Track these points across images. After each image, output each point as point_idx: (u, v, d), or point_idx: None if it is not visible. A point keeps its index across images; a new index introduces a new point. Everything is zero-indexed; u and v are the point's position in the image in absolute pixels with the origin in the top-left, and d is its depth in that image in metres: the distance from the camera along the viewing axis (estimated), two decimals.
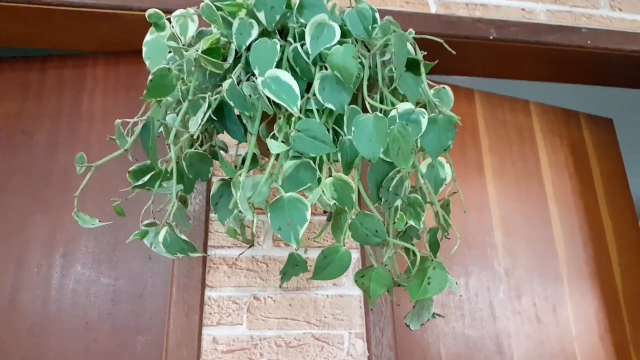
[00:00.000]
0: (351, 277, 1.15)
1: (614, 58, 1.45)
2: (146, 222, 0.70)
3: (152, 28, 0.82)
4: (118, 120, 0.73)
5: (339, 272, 0.62)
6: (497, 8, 1.45)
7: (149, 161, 0.68)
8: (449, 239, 0.74)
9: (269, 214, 0.61)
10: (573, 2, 1.48)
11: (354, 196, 0.62)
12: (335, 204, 0.61)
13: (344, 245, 0.64)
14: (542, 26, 1.43)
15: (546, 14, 1.46)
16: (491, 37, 1.41)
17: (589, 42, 1.42)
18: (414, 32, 0.82)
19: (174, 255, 0.61)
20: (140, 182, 0.63)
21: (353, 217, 0.62)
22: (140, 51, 1.40)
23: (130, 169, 0.68)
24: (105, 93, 1.40)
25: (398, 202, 0.69)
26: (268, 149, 0.74)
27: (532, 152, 1.65)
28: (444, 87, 0.79)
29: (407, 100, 0.77)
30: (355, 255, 1.17)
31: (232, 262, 1.12)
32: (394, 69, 0.75)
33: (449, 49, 0.88)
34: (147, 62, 0.82)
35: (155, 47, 0.81)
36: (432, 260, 0.66)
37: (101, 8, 1.28)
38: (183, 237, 0.60)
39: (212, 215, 1.17)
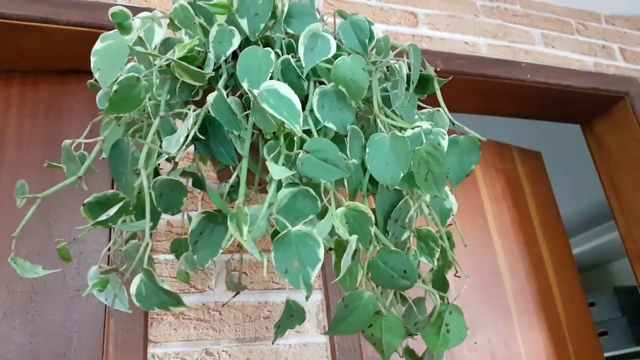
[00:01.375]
0: (314, 322, 1.04)
1: (550, 92, 1.51)
2: (104, 268, 0.55)
3: (102, 35, 0.68)
4: (67, 141, 0.59)
5: (363, 323, 0.51)
6: (442, 41, 1.46)
7: (109, 191, 0.54)
8: (459, 277, 0.66)
9: (272, 253, 0.50)
10: (511, 37, 1.53)
11: (373, 229, 0.53)
12: (346, 239, 0.51)
13: (358, 288, 0.53)
14: (486, 59, 1.46)
15: (487, 48, 1.49)
16: (438, 69, 1.41)
17: (528, 75, 1.47)
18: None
19: (150, 309, 0.48)
20: (103, 217, 0.49)
21: (369, 255, 0.52)
22: (66, 70, 1.22)
23: (85, 201, 0.53)
24: (21, 115, 1.19)
25: (406, 235, 0.61)
26: (253, 175, 0.63)
27: (473, 184, 1.66)
28: (438, 110, 0.73)
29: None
30: (319, 297, 1.06)
31: (179, 312, 0.96)
32: (389, 88, 0.68)
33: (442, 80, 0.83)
34: (96, 75, 0.68)
35: (108, 57, 0.67)
36: (447, 303, 0.58)
37: (21, 20, 1.11)
38: (166, 286, 0.47)
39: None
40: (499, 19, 1.55)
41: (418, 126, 0.55)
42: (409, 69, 0.70)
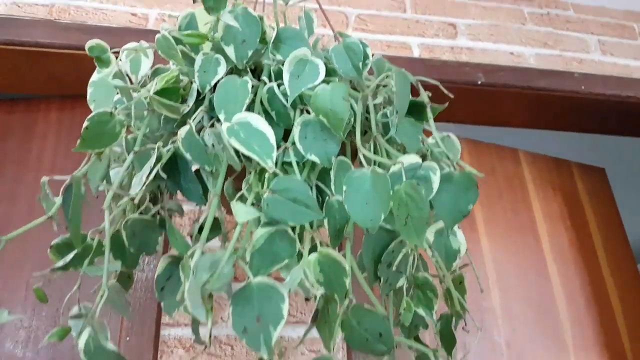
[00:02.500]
0: None
1: (609, 104, 1.36)
2: (72, 312, 0.53)
3: (98, 67, 0.67)
4: (44, 178, 0.57)
5: None
6: (484, 52, 1.36)
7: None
8: (468, 331, 0.58)
9: (230, 308, 0.45)
10: (563, 46, 1.40)
11: (347, 281, 0.47)
12: (322, 292, 0.46)
13: (333, 350, 0.48)
14: (533, 71, 1.34)
15: (535, 58, 1.38)
16: (479, 82, 1.31)
17: (582, 87, 1.34)
18: (411, 76, 0.69)
19: None
20: (60, 264, 0.46)
21: (347, 311, 0.46)
22: None
23: (53, 242, 0.51)
24: (58, 139, 1.23)
25: (402, 282, 0.54)
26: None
27: (524, 202, 1.53)
28: (448, 136, 0.66)
29: (404, 151, 0.63)
30: (339, 354, 1.00)
31: (190, 344, 0.93)
32: (389, 114, 0.62)
33: (446, 92, 0.76)
34: (92, 106, 0.67)
35: (102, 89, 0.67)
36: None
37: (55, 48, 1.14)
38: (110, 346, 0.43)
39: None
40: (549, 27, 1.43)
41: (398, 162, 0.48)
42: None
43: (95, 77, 0.68)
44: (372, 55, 0.67)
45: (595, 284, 1.48)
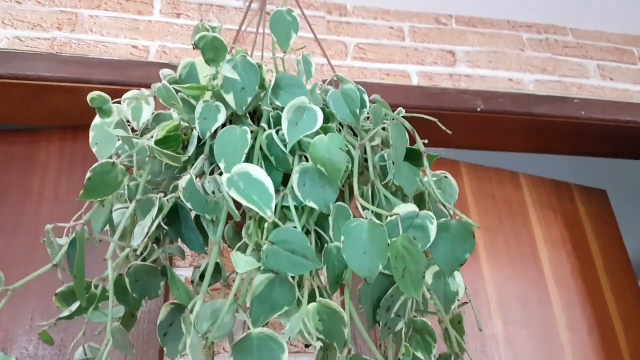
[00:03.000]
0: None
1: (609, 129, 1.38)
2: (77, 356, 0.53)
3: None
4: (48, 226, 0.59)
5: None
6: (483, 79, 1.38)
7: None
8: None
9: (231, 359, 0.46)
10: (562, 71, 1.42)
11: (346, 330, 0.48)
12: (321, 344, 0.47)
13: None
14: (532, 97, 1.36)
15: (535, 84, 1.39)
16: (479, 109, 1.33)
17: (582, 112, 1.35)
18: (403, 110, 0.71)
19: None
20: (66, 313, 0.48)
21: None
22: None
23: (57, 290, 0.53)
24: (59, 170, 1.25)
25: (400, 325, 0.55)
26: None
27: (526, 227, 1.54)
28: (445, 176, 0.67)
29: (402, 193, 0.65)
30: None
31: None
32: (386, 157, 0.63)
33: (444, 128, 0.77)
34: (94, 149, 0.68)
35: (103, 133, 0.68)
36: None
37: (57, 81, 1.16)
38: None
39: None
40: (548, 52, 1.45)
41: (395, 214, 0.49)
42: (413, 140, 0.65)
43: (97, 120, 0.69)
44: (370, 96, 0.68)
45: (597, 308, 1.48)
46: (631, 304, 1.54)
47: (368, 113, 0.62)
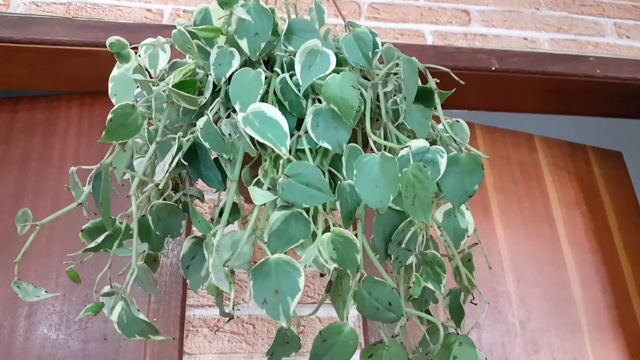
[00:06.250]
0: None
1: (625, 88, 1.36)
2: (103, 290, 0.56)
3: (118, 62, 0.71)
4: (73, 168, 0.61)
5: (344, 358, 0.49)
6: (498, 38, 1.37)
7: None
8: (476, 304, 0.61)
9: (251, 282, 0.49)
10: (578, 30, 1.40)
11: (359, 256, 0.50)
12: (335, 266, 0.49)
13: (346, 319, 0.51)
14: (547, 55, 1.35)
15: (550, 43, 1.38)
16: (493, 68, 1.32)
17: (597, 71, 1.34)
18: (419, 63, 0.71)
19: (132, 337, 0.48)
20: (92, 245, 0.50)
21: (358, 284, 0.49)
22: None
23: (84, 226, 0.55)
24: (79, 135, 1.28)
25: (411, 259, 0.57)
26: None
27: (540, 189, 1.54)
28: (457, 121, 0.68)
29: (415, 137, 0.66)
30: (355, 312, 1.03)
31: (214, 323, 0.97)
32: (398, 101, 0.64)
33: (457, 78, 0.78)
34: (113, 100, 0.71)
35: (122, 83, 0.70)
36: (457, 333, 0.53)
37: (74, 45, 1.18)
38: (142, 316, 0.47)
39: None
40: (564, 11, 1.43)
41: (406, 146, 0.51)
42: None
43: (115, 72, 0.71)
44: (383, 45, 0.69)
45: (611, 268, 1.49)
46: None
47: (381, 55, 0.63)
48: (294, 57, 0.63)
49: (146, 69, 0.66)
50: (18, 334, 1.08)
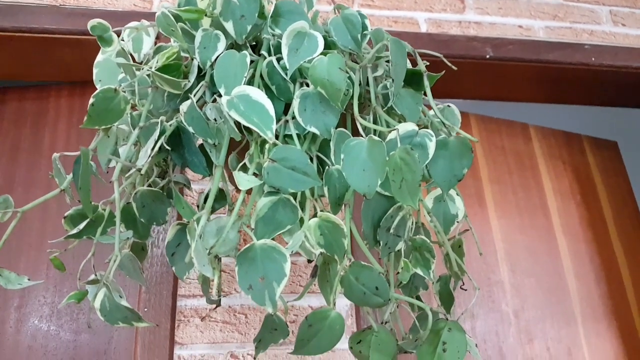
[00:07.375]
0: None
1: (620, 76, 1.35)
2: (88, 279, 0.55)
3: (102, 48, 0.69)
4: (55, 154, 0.60)
5: (329, 344, 0.48)
6: (492, 26, 1.35)
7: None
8: (466, 289, 0.60)
9: (236, 268, 0.47)
10: (573, 17, 1.39)
11: (346, 242, 0.49)
12: (322, 252, 0.48)
13: (334, 305, 0.50)
14: (542, 43, 1.33)
15: (545, 31, 1.37)
16: (487, 57, 1.31)
17: (593, 59, 1.32)
18: (408, 45, 0.70)
19: (115, 324, 0.47)
20: (74, 231, 0.49)
21: (345, 269, 0.48)
22: None
23: (66, 213, 0.54)
24: (69, 126, 1.26)
25: (400, 245, 0.56)
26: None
27: (535, 179, 1.53)
28: (448, 106, 0.67)
29: (405, 122, 0.65)
30: (347, 301, 1.03)
31: (206, 313, 0.97)
32: (388, 85, 0.63)
33: (450, 64, 0.77)
34: (98, 86, 0.69)
35: (107, 68, 0.69)
36: (447, 319, 0.52)
37: (62, 34, 1.16)
38: (124, 303, 0.46)
39: None
40: None
41: (394, 129, 0.50)
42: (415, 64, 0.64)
43: (100, 57, 0.70)
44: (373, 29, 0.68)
45: (606, 258, 1.48)
46: (639, 255, 1.54)
47: (370, 39, 0.62)
48: (281, 40, 0.62)
49: (130, 54, 0.65)
50: (9, 325, 1.07)
